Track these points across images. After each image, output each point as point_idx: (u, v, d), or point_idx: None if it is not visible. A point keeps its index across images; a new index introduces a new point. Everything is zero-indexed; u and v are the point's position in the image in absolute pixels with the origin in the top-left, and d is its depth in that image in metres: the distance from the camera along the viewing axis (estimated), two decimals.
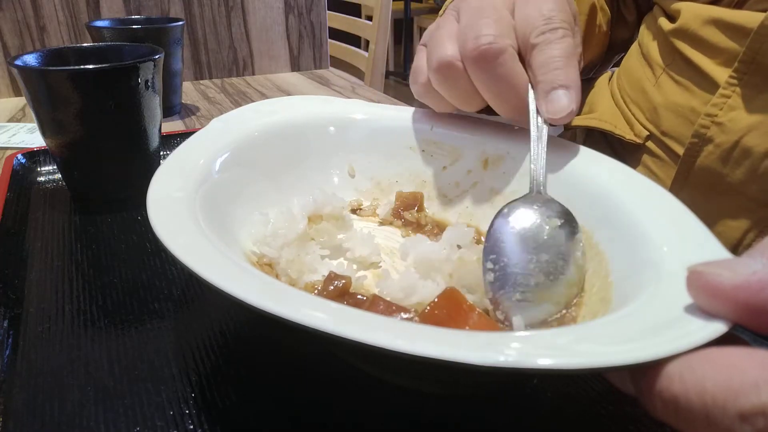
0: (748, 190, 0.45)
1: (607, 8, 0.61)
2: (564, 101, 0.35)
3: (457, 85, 0.38)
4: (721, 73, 0.45)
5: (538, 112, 0.37)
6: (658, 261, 0.27)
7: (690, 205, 0.30)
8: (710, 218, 0.34)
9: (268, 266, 0.36)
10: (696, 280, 0.21)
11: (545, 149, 0.36)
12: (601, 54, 0.64)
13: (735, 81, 0.44)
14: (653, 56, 0.54)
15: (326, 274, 0.34)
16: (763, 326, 0.19)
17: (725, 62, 0.45)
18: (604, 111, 0.58)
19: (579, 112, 0.41)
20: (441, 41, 0.38)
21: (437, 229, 0.42)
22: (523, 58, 0.37)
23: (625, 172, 0.36)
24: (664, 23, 0.52)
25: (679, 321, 0.21)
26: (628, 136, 0.55)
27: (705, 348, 0.19)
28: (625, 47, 0.66)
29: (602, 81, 0.63)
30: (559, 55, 0.36)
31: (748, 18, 0.43)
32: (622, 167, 0.36)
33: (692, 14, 0.48)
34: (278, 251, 0.36)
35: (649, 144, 0.54)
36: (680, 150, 0.49)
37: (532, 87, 0.37)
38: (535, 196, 0.35)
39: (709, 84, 0.47)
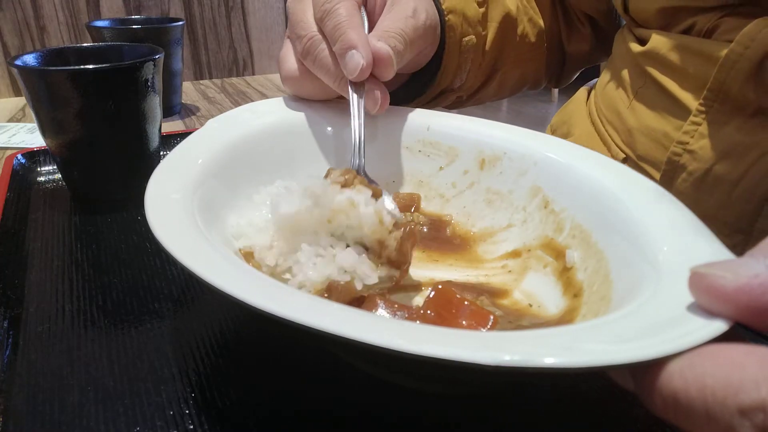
0: (723, 217, 0.45)
1: (538, 19, 0.60)
2: (356, 59, 0.39)
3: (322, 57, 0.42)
4: (691, 99, 0.45)
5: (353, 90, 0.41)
6: (658, 259, 0.27)
7: None
8: None
9: (249, 254, 0.35)
10: (698, 281, 0.21)
11: (362, 124, 0.41)
12: (542, 67, 0.63)
13: (704, 109, 0.44)
14: (625, 78, 0.54)
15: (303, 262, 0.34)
16: (764, 326, 0.19)
17: (695, 88, 0.45)
18: (581, 133, 0.58)
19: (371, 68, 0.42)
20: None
21: (434, 229, 0.42)
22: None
23: (625, 172, 0.36)
24: (634, 46, 0.52)
25: (679, 319, 0.21)
26: None
27: (705, 345, 0.19)
28: (588, 60, 0.66)
29: (580, 100, 0.63)
30: (341, 21, 0.40)
31: (716, 47, 0.43)
32: (622, 167, 0.36)
33: (661, 39, 0.48)
34: (252, 238, 0.35)
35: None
36: (656, 174, 0.49)
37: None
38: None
39: (680, 109, 0.46)
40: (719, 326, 0.20)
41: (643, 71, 0.51)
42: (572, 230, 0.36)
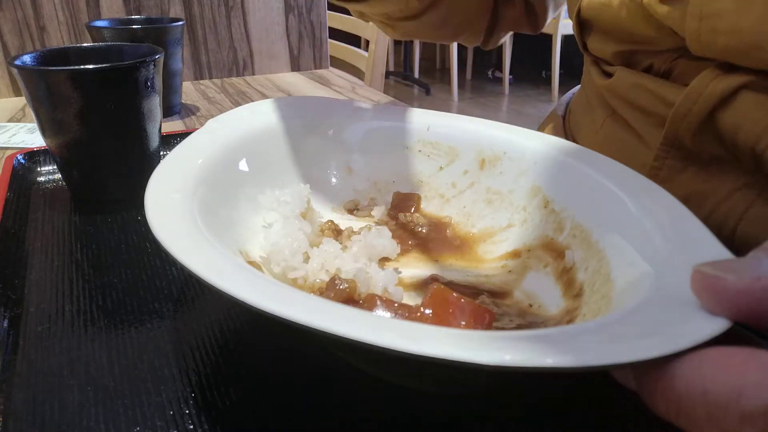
0: None
1: None
2: None
3: None
4: (654, 137, 0.45)
5: None
6: (659, 259, 0.27)
7: None
8: None
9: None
10: (700, 281, 0.21)
11: None
12: (485, 14, 0.63)
13: (663, 155, 0.44)
14: (594, 105, 0.54)
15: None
16: (765, 328, 0.19)
17: (657, 125, 0.45)
18: None
19: None
20: None
21: (434, 230, 0.42)
22: None
23: (625, 172, 0.36)
24: (597, 79, 0.52)
25: (680, 319, 0.21)
26: None
27: (708, 347, 0.19)
28: (514, 26, 0.65)
29: (556, 124, 0.63)
30: None
31: (672, 91, 0.43)
32: (622, 167, 0.36)
33: (621, 77, 0.48)
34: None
35: None
36: None
37: None
38: None
39: (644, 147, 0.46)
40: (720, 326, 0.20)
41: (607, 103, 0.51)
42: (572, 230, 0.36)
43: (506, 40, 3.73)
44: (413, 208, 0.44)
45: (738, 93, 0.39)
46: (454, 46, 3.71)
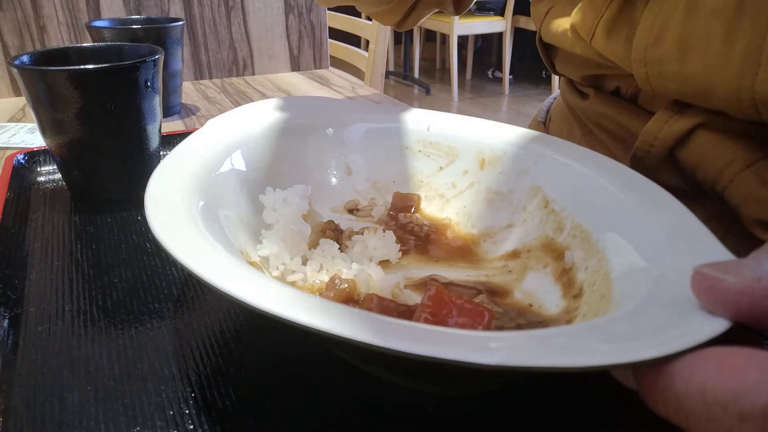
0: None
1: None
2: None
3: None
4: (626, 161, 0.45)
5: None
6: (659, 259, 0.27)
7: None
8: None
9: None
10: (700, 281, 0.21)
11: None
12: None
13: None
14: (571, 120, 0.54)
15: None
16: (765, 328, 0.19)
17: (627, 150, 0.45)
18: None
19: None
20: None
21: (434, 232, 0.42)
22: None
23: (625, 172, 0.36)
24: (574, 100, 0.52)
25: (680, 319, 0.21)
26: None
27: (708, 347, 0.19)
28: (436, 4, 0.64)
29: (537, 128, 0.63)
30: None
31: (637, 121, 0.43)
32: (622, 167, 0.36)
33: (593, 101, 0.48)
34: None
35: None
36: None
37: None
38: None
39: None
40: (720, 326, 0.20)
41: (583, 122, 0.51)
42: (572, 230, 0.36)
43: (506, 40, 3.67)
44: (413, 209, 0.44)
45: (694, 132, 0.39)
46: (454, 47, 3.71)
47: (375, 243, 0.38)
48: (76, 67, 0.47)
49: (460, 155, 0.44)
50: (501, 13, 3.83)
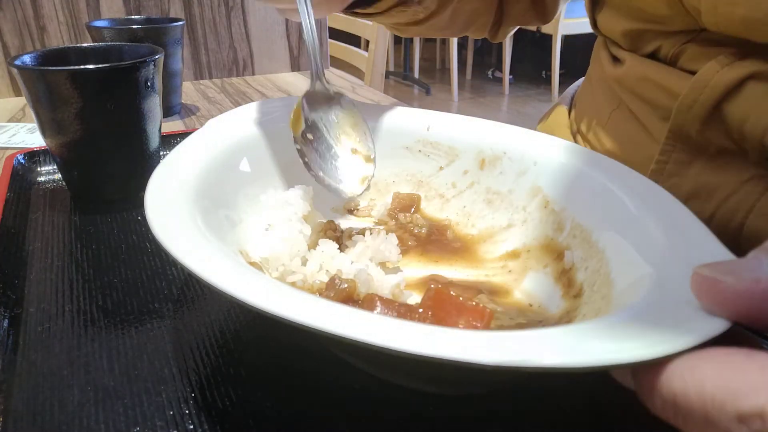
0: None
1: None
2: None
3: None
4: (660, 131, 0.45)
5: None
6: (659, 259, 0.27)
7: None
8: None
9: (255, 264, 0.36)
10: (700, 282, 0.21)
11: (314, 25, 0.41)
12: (492, 9, 0.63)
13: (669, 148, 0.43)
14: (601, 97, 0.53)
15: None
16: (765, 329, 0.19)
17: (663, 119, 0.44)
18: None
19: None
20: None
21: (434, 232, 0.42)
22: None
23: (625, 172, 0.36)
24: (608, 66, 0.51)
25: (680, 319, 0.21)
26: None
27: (706, 347, 0.19)
28: (521, 20, 0.64)
29: (561, 116, 0.63)
30: None
31: (678, 82, 0.42)
32: (622, 167, 0.36)
33: (631, 65, 0.47)
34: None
35: None
36: None
37: None
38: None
39: (651, 141, 0.46)
40: (719, 326, 0.20)
41: (615, 94, 0.50)
42: (572, 230, 0.36)
43: (507, 40, 3.70)
44: (413, 209, 0.44)
45: (746, 83, 0.38)
46: (454, 47, 3.71)
47: (377, 245, 0.38)
48: (76, 67, 0.47)
49: (460, 155, 0.44)
50: None
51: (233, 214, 0.37)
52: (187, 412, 0.29)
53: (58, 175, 0.56)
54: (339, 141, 0.41)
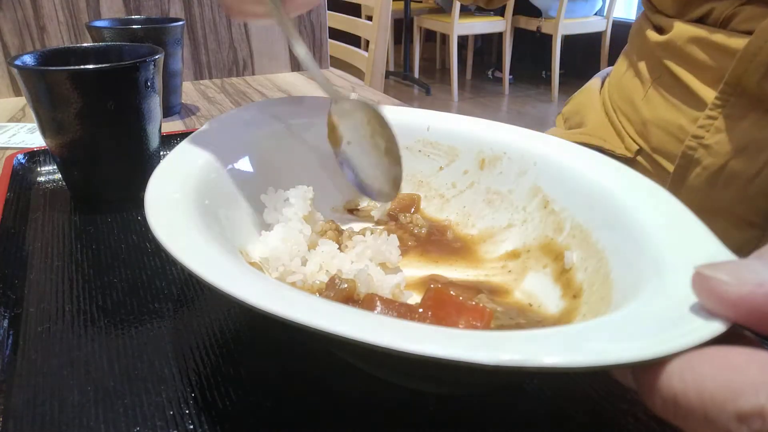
0: (737, 212, 0.45)
1: None
2: None
3: None
4: (707, 93, 0.45)
5: None
6: (658, 259, 0.27)
7: None
8: None
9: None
10: (701, 282, 0.21)
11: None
12: None
13: (720, 103, 0.43)
14: (641, 69, 0.53)
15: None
16: (766, 331, 0.19)
17: (712, 81, 0.44)
18: (595, 123, 0.58)
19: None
20: None
21: (434, 233, 0.42)
22: None
23: (624, 172, 0.36)
24: (652, 35, 0.51)
25: (680, 319, 0.21)
26: (619, 150, 0.54)
27: (706, 346, 0.19)
28: None
29: (593, 89, 0.62)
30: None
31: (734, 39, 0.42)
32: (621, 167, 0.36)
33: (678, 30, 0.47)
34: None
35: (640, 159, 0.53)
36: (669, 167, 0.48)
37: None
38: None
39: (696, 102, 0.46)
40: (719, 326, 0.20)
41: (659, 62, 0.50)
42: (572, 230, 0.36)
43: (506, 40, 3.66)
44: (413, 209, 0.44)
45: None
46: (454, 47, 3.71)
47: (378, 245, 0.38)
48: (76, 67, 0.47)
49: (460, 155, 0.44)
50: (501, 13, 3.83)
51: (233, 213, 0.37)
52: (187, 412, 0.29)
53: (58, 175, 0.56)
54: (374, 147, 0.41)
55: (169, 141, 0.64)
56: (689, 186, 0.47)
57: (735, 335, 0.20)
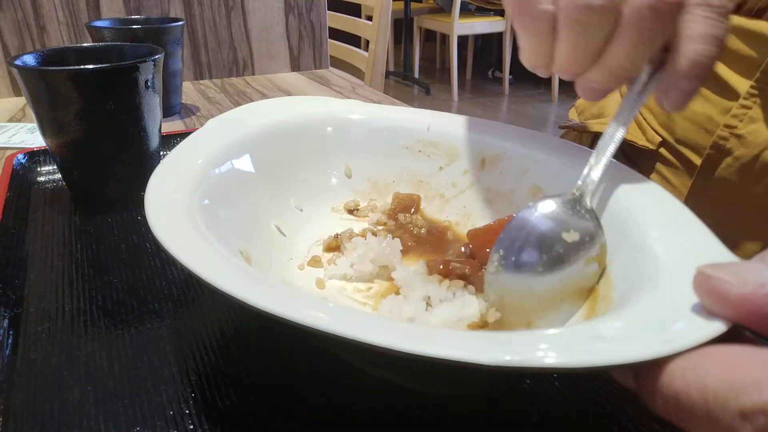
0: None
1: None
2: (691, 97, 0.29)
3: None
4: (741, 83, 0.44)
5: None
6: (659, 259, 0.27)
7: (710, 219, 0.28)
8: (730, 232, 0.33)
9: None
10: (703, 282, 0.21)
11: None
12: None
13: (756, 92, 0.42)
14: None
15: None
16: (766, 331, 0.19)
17: (746, 71, 0.44)
18: (614, 114, 0.57)
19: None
20: None
21: (434, 234, 0.42)
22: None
23: (624, 172, 0.36)
24: None
25: (680, 319, 0.21)
26: (640, 141, 0.54)
27: (707, 345, 0.19)
28: None
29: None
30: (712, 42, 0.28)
31: None
32: (621, 167, 0.36)
33: None
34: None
35: (663, 151, 0.53)
36: (696, 159, 0.48)
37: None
38: (574, 200, 0.33)
39: (728, 93, 0.45)
40: (720, 326, 0.20)
41: None
42: None
43: (506, 40, 3.65)
44: (413, 209, 0.44)
45: None
46: (454, 47, 3.71)
47: (382, 248, 0.38)
48: (76, 67, 0.47)
49: (460, 155, 0.44)
50: (501, 13, 3.83)
51: (233, 213, 0.37)
52: (187, 412, 0.29)
53: (58, 175, 0.56)
54: None
55: (169, 141, 0.64)
56: (718, 177, 0.46)
57: (735, 335, 0.20)
